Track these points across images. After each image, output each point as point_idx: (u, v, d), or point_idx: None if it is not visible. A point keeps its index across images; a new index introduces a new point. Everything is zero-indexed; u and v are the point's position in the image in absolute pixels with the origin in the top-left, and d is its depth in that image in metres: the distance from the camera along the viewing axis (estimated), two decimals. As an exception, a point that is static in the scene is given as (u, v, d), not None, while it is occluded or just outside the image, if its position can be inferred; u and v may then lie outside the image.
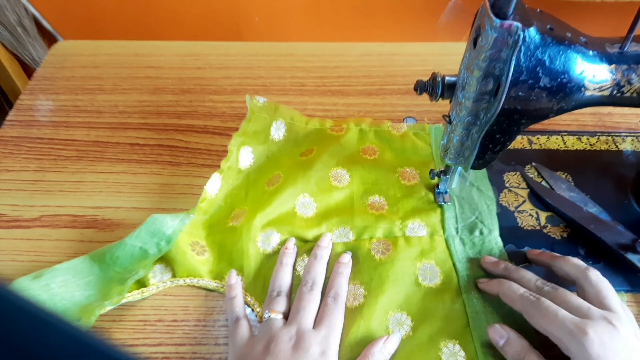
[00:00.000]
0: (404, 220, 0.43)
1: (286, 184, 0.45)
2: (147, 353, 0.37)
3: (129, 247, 0.40)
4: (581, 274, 0.35)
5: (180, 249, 0.40)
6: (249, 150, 0.48)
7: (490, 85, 0.31)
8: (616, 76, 0.32)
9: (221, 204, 0.46)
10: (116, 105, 0.56)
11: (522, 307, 0.34)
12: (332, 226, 0.43)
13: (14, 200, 0.47)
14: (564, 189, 0.46)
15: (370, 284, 0.39)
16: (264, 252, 0.42)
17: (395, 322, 0.37)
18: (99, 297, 0.39)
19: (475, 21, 0.31)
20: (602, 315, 0.31)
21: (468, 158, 0.37)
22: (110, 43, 0.64)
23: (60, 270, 0.39)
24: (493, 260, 0.40)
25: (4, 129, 0.54)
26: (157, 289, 0.40)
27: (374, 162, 0.48)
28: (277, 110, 0.51)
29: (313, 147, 0.49)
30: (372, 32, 0.97)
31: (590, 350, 0.29)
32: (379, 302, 0.38)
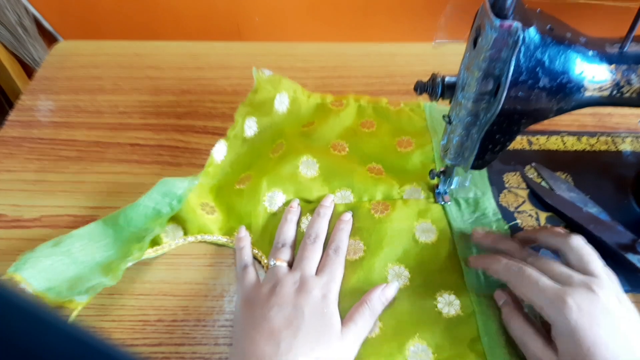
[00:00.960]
0: (402, 185, 0.46)
1: (289, 150, 0.48)
2: (147, 353, 0.37)
3: (142, 207, 0.42)
4: (563, 242, 0.35)
5: (190, 208, 0.43)
6: (254, 120, 0.50)
7: (490, 85, 0.31)
8: (616, 76, 0.32)
9: (228, 170, 0.48)
10: (116, 105, 0.56)
11: (506, 277, 0.35)
12: (334, 188, 0.46)
13: (15, 200, 0.47)
14: (563, 190, 0.46)
15: (369, 240, 0.42)
16: (270, 212, 0.45)
17: (394, 274, 0.40)
18: (119, 256, 0.41)
19: (475, 21, 0.31)
20: (582, 282, 0.32)
21: (468, 158, 0.37)
22: (110, 43, 0.64)
23: (77, 236, 0.41)
24: (482, 232, 0.41)
25: (5, 130, 0.54)
26: (169, 247, 0.43)
27: (372, 134, 0.51)
28: (281, 83, 0.52)
29: (314, 120, 0.52)
30: (372, 32, 0.97)
31: (569, 317, 0.30)
32: (378, 256, 0.41)
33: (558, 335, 0.31)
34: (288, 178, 0.46)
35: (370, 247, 0.41)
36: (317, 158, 0.47)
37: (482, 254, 0.40)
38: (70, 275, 0.39)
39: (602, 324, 0.30)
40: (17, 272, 0.37)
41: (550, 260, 0.35)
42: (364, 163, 0.48)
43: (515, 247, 0.38)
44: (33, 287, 0.37)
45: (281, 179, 0.45)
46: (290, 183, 0.45)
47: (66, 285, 0.38)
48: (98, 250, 0.41)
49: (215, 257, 0.43)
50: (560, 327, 0.31)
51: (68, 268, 0.39)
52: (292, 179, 0.46)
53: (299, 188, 0.46)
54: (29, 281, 0.37)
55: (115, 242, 0.42)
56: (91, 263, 0.40)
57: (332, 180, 0.46)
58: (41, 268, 0.38)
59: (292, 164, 0.46)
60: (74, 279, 0.39)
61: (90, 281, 0.38)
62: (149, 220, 0.42)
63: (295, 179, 0.46)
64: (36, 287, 0.37)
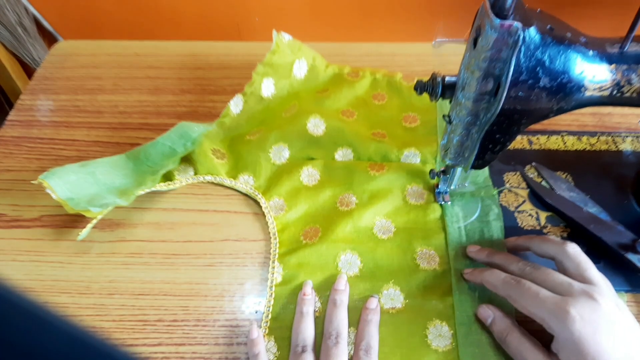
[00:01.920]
0: (401, 149, 0.48)
1: (300, 110, 0.51)
2: (147, 353, 0.37)
3: (160, 145, 0.47)
4: (559, 250, 0.35)
5: (202, 151, 0.47)
6: (272, 82, 0.52)
7: (490, 85, 0.31)
8: (616, 76, 0.32)
9: (243, 125, 0.51)
10: (116, 105, 0.56)
11: (504, 292, 0.35)
12: (336, 147, 0.49)
13: (15, 200, 0.47)
14: (564, 189, 0.46)
15: (362, 195, 0.45)
16: (274, 163, 0.48)
17: (381, 226, 0.44)
18: (135, 184, 0.45)
19: (476, 21, 0.31)
20: (583, 290, 0.31)
21: (468, 158, 0.37)
22: (110, 43, 0.64)
23: (102, 162, 0.46)
24: (476, 248, 0.41)
25: (5, 129, 0.54)
26: (180, 183, 0.47)
27: (381, 106, 0.54)
28: (301, 49, 0.54)
29: (329, 87, 0.55)
30: (372, 32, 0.97)
31: (572, 328, 0.30)
32: (368, 209, 0.44)
33: (561, 347, 0.31)
34: (295, 134, 0.49)
35: (362, 200, 0.45)
36: (325, 119, 0.50)
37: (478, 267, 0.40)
38: (90, 192, 0.43)
39: (605, 332, 0.30)
40: (46, 179, 0.42)
41: (548, 270, 0.34)
42: (369, 129, 0.51)
43: (511, 259, 0.37)
44: (57, 194, 0.42)
45: (288, 134, 0.49)
46: (296, 139, 0.49)
47: (85, 199, 0.43)
48: (117, 177, 0.46)
49: (215, 257, 0.43)
50: (564, 338, 0.30)
51: (90, 186, 0.44)
52: (299, 136, 0.49)
53: (304, 145, 0.49)
54: (55, 189, 0.42)
55: (133, 172, 0.46)
56: (110, 186, 0.45)
57: (336, 139, 0.49)
58: (66, 181, 0.43)
59: (300, 122, 0.49)
60: (92, 195, 0.43)
61: (106, 199, 0.43)
62: (165, 157, 0.46)
63: (302, 136, 0.49)
64: (60, 195, 0.42)
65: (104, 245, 0.44)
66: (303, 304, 0.38)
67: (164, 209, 0.46)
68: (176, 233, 0.45)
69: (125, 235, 0.44)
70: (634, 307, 0.39)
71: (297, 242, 0.43)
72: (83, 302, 0.40)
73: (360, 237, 0.43)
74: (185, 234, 0.45)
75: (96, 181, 0.44)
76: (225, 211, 0.46)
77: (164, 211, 0.46)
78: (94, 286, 0.41)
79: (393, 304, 0.39)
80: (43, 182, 0.42)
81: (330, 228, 0.43)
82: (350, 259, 0.42)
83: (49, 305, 0.13)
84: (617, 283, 0.38)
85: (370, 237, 0.43)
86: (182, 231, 0.45)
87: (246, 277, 0.42)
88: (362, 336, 0.36)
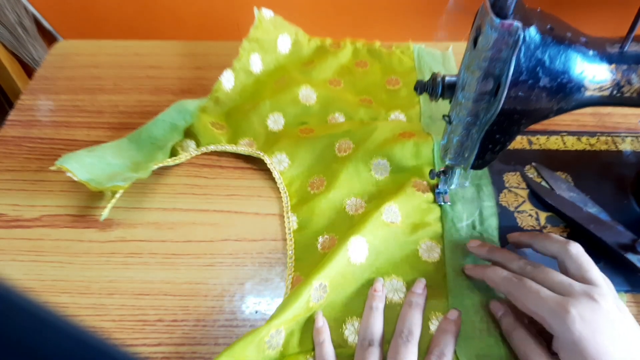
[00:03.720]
0: (388, 111, 0.53)
1: (291, 81, 0.54)
2: (147, 353, 0.37)
3: (160, 122, 0.49)
4: (561, 249, 0.35)
5: (202, 124, 0.50)
6: (258, 57, 0.56)
7: (490, 85, 0.31)
8: (616, 76, 0.32)
9: (237, 99, 0.54)
10: (116, 105, 0.56)
11: (505, 290, 0.35)
12: (328, 113, 0.52)
13: (15, 200, 0.47)
14: (563, 189, 0.46)
15: (357, 139, 0.49)
16: (271, 130, 0.51)
17: (378, 165, 0.47)
18: (147, 160, 0.47)
19: (476, 21, 0.31)
20: (584, 291, 0.31)
21: (468, 158, 0.37)
22: (110, 43, 0.64)
23: (107, 147, 0.47)
24: (478, 243, 0.41)
25: (5, 129, 0.54)
26: (186, 157, 0.49)
27: (365, 72, 0.58)
28: (283, 25, 0.57)
29: (314, 59, 0.58)
30: (372, 32, 0.97)
31: (572, 328, 0.30)
32: (364, 150, 0.47)
33: (561, 347, 0.31)
34: (288, 103, 0.52)
35: (358, 144, 0.48)
36: (315, 89, 0.53)
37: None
38: (107, 172, 0.45)
39: (605, 333, 0.30)
40: (64, 164, 0.43)
41: (548, 269, 0.34)
42: (356, 96, 0.55)
43: (512, 257, 0.37)
44: (78, 177, 0.43)
45: (282, 104, 0.52)
46: (290, 108, 0.52)
47: (105, 178, 0.44)
48: (127, 157, 0.47)
49: (215, 257, 0.43)
50: (564, 338, 0.30)
51: (105, 167, 0.45)
52: (292, 105, 0.52)
53: (298, 113, 0.52)
54: (74, 172, 0.43)
55: (139, 152, 0.48)
56: (123, 165, 0.46)
57: (328, 107, 0.53)
58: (83, 163, 0.44)
59: (292, 92, 0.52)
60: (110, 174, 0.45)
61: (124, 175, 0.44)
62: (167, 132, 0.49)
63: (295, 105, 0.52)
64: (80, 177, 0.43)
65: (104, 245, 0.44)
66: (373, 300, 0.38)
67: (164, 209, 0.46)
68: (176, 233, 0.45)
69: (125, 235, 0.45)
70: (633, 307, 0.39)
71: (305, 193, 0.47)
72: (83, 302, 0.40)
73: (362, 183, 0.47)
74: (185, 234, 0.45)
75: (109, 163, 0.46)
76: (225, 211, 0.46)
77: (164, 211, 0.46)
78: (93, 286, 0.41)
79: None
80: (62, 167, 0.43)
81: (334, 176, 0.47)
82: (355, 202, 0.45)
83: (49, 305, 0.13)
84: (617, 283, 0.38)
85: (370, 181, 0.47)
86: (182, 231, 0.45)
87: (246, 277, 0.42)
88: (437, 343, 0.35)
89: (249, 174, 0.49)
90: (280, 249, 0.43)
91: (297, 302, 0.36)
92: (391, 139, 0.48)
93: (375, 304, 0.38)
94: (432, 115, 0.53)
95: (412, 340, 0.35)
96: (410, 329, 0.36)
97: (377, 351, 0.35)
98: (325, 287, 0.38)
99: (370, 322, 0.37)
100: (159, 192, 0.48)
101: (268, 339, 0.35)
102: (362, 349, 0.35)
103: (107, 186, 0.43)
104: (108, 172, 0.45)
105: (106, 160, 0.46)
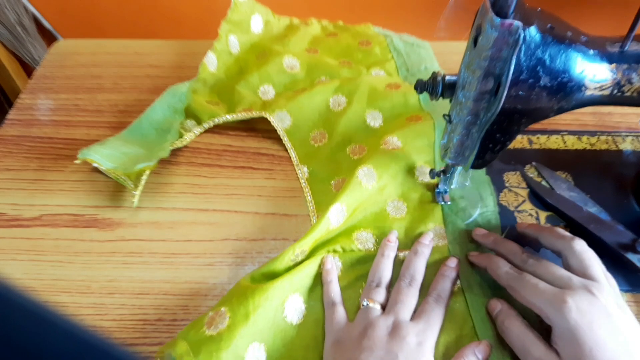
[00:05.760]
0: (368, 69, 0.57)
1: (272, 54, 0.57)
2: (147, 352, 0.37)
3: (158, 108, 0.51)
4: (565, 245, 0.35)
5: (199, 103, 0.52)
6: (235, 38, 0.58)
7: (491, 84, 0.31)
8: (616, 75, 0.32)
9: (223, 78, 0.57)
10: (116, 104, 0.56)
11: (506, 282, 0.36)
12: (314, 77, 0.56)
13: (14, 199, 0.47)
14: (564, 189, 0.46)
15: (349, 92, 0.52)
16: (265, 100, 0.54)
17: (372, 116, 0.51)
18: (156, 143, 0.49)
19: (476, 20, 0.31)
20: (582, 284, 0.32)
21: (468, 157, 0.37)
22: (110, 42, 0.64)
23: (114, 139, 0.49)
24: (484, 232, 0.41)
25: (4, 128, 0.54)
26: (190, 137, 0.51)
27: (337, 40, 0.62)
28: (255, 6, 0.61)
29: (287, 34, 0.61)
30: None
31: (568, 317, 0.30)
32: (357, 103, 0.51)
33: (559, 338, 0.31)
34: (275, 73, 0.56)
35: (351, 97, 0.51)
36: (296, 57, 0.57)
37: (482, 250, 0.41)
38: (128, 159, 0.47)
39: (602, 325, 0.30)
40: (87, 157, 0.45)
41: (550, 263, 0.35)
42: (335, 59, 0.58)
43: (516, 250, 0.38)
44: (104, 166, 0.45)
45: (270, 74, 0.55)
46: (278, 77, 0.55)
47: (129, 163, 0.46)
48: (137, 145, 0.49)
49: (215, 256, 0.43)
50: (560, 328, 0.31)
51: (122, 156, 0.47)
52: (279, 74, 0.56)
53: (286, 81, 0.56)
54: (99, 162, 0.45)
55: (147, 138, 0.50)
56: (138, 153, 0.48)
57: (313, 72, 0.56)
58: (103, 154, 0.46)
59: (276, 62, 0.56)
60: (132, 159, 0.46)
61: (145, 158, 0.46)
62: (168, 115, 0.51)
63: (282, 74, 0.56)
64: (106, 166, 0.45)
65: (104, 245, 0.44)
66: (385, 248, 0.41)
67: (163, 208, 0.46)
68: (176, 232, 0.45)
69: (125, 235, 0.44)
70: (633, 306, 0.39)
71: (309, 147, 0.51)
72: (83, 301, 0.40)
73: (359, 132, 0.50)
74: (185, 233, 0.45)
75: (124, 152, 0.47)
76: (225, 210, 0.46)
77: (164, 211, 0.46)
78: (94, 285, 0.41)
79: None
80: (86, 159, 0.45)
81: (333, 129, 0.51)
82: (357, 148, 0.49)
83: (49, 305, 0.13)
84: (617, 282, 0.38)
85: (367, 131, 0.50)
86: (182, 230, 0.45)
87: (246, 277, 0.42)
88: (435, 287, 0.38)
89: (248, 174, 0.49)
90: (280, 248, 0.43)
91: (318, 227, 0.40)
92: (381, 91, 0.52)
93: (387, 252, 0.40)
94: (409, 68, 0.58)
95: (414, 284, 0.38)
96: (413, 275, 0.38)
97: (383, 292, 0.38)
98: (344, 211, 0.43)
99: (380, 267, 0.39)
100: (159, 191, 0.48)
101: (293, 257, 0.40)
102: (369, 289, 0.38)
103: (135, 169, 0.44)
104: (128, 159, 0.47)
105: (121, 150, 0.47)
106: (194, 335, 0.35)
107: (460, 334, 0.37)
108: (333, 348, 0.35)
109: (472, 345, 0.35)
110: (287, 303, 0.37)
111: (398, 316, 0.35)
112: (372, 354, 0.32)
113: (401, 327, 0.34)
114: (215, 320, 0.35)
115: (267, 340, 0.36)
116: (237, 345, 0.34)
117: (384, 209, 0.44)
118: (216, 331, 0.35)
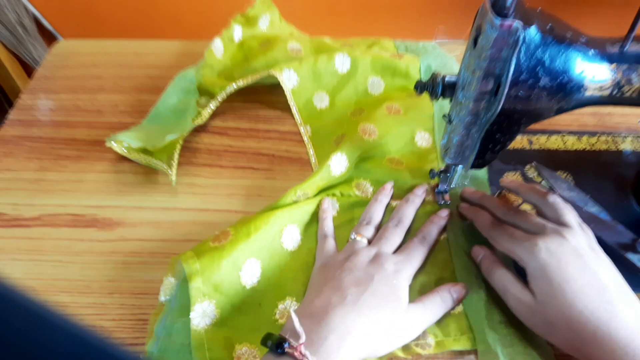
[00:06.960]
0: (369, 48, 0.59)
1: (276, 40, 0.59)
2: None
3: (172, 93, 0.53)
4: (541, 199, 0.39)
5: (210, 81, 0.54)
6: (240, 29, 0.60)
7: (491, 84, 0.31)
8: (616, 76, 0.32)
9: (228, 64, 0.59)
10: (116, 104, 0.56)
11: (487, 233, 0.39)
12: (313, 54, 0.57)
13: (14, 199, 0.47)
14: (564, 189, 0.46)
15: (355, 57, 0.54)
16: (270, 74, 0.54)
17: (373, 84, 0.54)
18: (179, 123, 0.50)
19: (476, 20, 0.31)
20: (554, 229, 0.35)
21: (468, 158, 0.37)
22: (110, 42, 0.64)
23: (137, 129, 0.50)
24: (472, 190, 0.44)
25: (5, 128, 0.54)
26: (209, 113, 0.51)
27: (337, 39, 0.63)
28: (270, 7, 0.63)
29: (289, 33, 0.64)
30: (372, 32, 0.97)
31: (538, 256, 0.34)
32: (361, 69, 0.54)
33: (531, 276, 0.34)
34: (282, 58, 0.57)
35: (355, 61, 0.54)
36: (299, 42, 0.59)
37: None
38: (155, 136, 0.48)
39: (571, 262, 0.33)
40: (117, 139, 0.47)
41: (527, 213, 0.38)
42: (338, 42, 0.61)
43: (499, 204, 0.41)
44: (133, 146, 0.47)
45: (276, 59, 0.56)
46: (283, 62, 0.55)
47: (157, 140, 0.47)
48: (161, 130, 0.49)
49: (215, 256, 0.43)
50: (532, 267, 0.34)
51: (147, 137, 0.48)
52: (285, 59, 0.56)
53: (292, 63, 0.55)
54: (129, 142, 0.47)
55: (166, 124, 0.51)
56: (163, 132, 0.48)
57: (317, 53, 0.57)
58: (130, 136, 0.47)
59: (281, 47, 0.58)
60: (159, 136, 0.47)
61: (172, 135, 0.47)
62: (183, 96, 0.54)
63: (287, 58, 0.57)
64: (135, 145, 0.47)
65: (104, 245, 0.44)
66: (379, 194, 0.44)
67: (163, 208, 0.46)
68: (176, 232, 0.45)
69: (125, 235, 0.45)
70: (633, 306, 0.39)
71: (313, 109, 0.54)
72: (83, 301, 0.40)
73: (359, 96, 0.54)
74: (185, 233, 0.45)
75: (150, 135, 0.49)
76: (225, 210, 0.46)
77: (164, 210, 0.46)
78: (93, 285, 0.41)
79: None
80: (116, 141, 0.47)
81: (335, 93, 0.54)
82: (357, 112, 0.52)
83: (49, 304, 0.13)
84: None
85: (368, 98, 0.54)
86: (182, 230, 0.45)
87: (246, 277, 0.42)
88: (422, 230, 0.41)
89: (249, 174, 0.49)
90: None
91: (320, 172, 0.44)
92: (384, 59, 0.54)
93: (381, 198, 0.44)
94: (407, 47, 0.60)
95: (401, 226, 0.41)
96: (401, 218, 0.42)
97: (372, 229, 0.42)
98: (345, 160, 0.45)
99: (372, 209, 0.43)
100: (159, 191, 0.48)
101: (295, 198, 0.43)
102: (359, 226, 0.42)
103: (164, 143, 0.46)
104: (155, 135, 0.48)
105: (147, 132, 0.49)
106: (200, 246, 0.40)
107: (440, 277, 0.40)
108: (319, 270, 0.39)
109: (449, 285, 0.38)
110: (285, 231, 0.41)
111: (381, 249, 0.39)
112: (350, 273, 0.36)
113: (382, 256, 0.38)
114: (219, 237, 0.40)
115: (264, 259, 0.40)
116: (237, 257, 0.38)
117: (384, 161, 0.47)
118: (220, 244, 0.39)
